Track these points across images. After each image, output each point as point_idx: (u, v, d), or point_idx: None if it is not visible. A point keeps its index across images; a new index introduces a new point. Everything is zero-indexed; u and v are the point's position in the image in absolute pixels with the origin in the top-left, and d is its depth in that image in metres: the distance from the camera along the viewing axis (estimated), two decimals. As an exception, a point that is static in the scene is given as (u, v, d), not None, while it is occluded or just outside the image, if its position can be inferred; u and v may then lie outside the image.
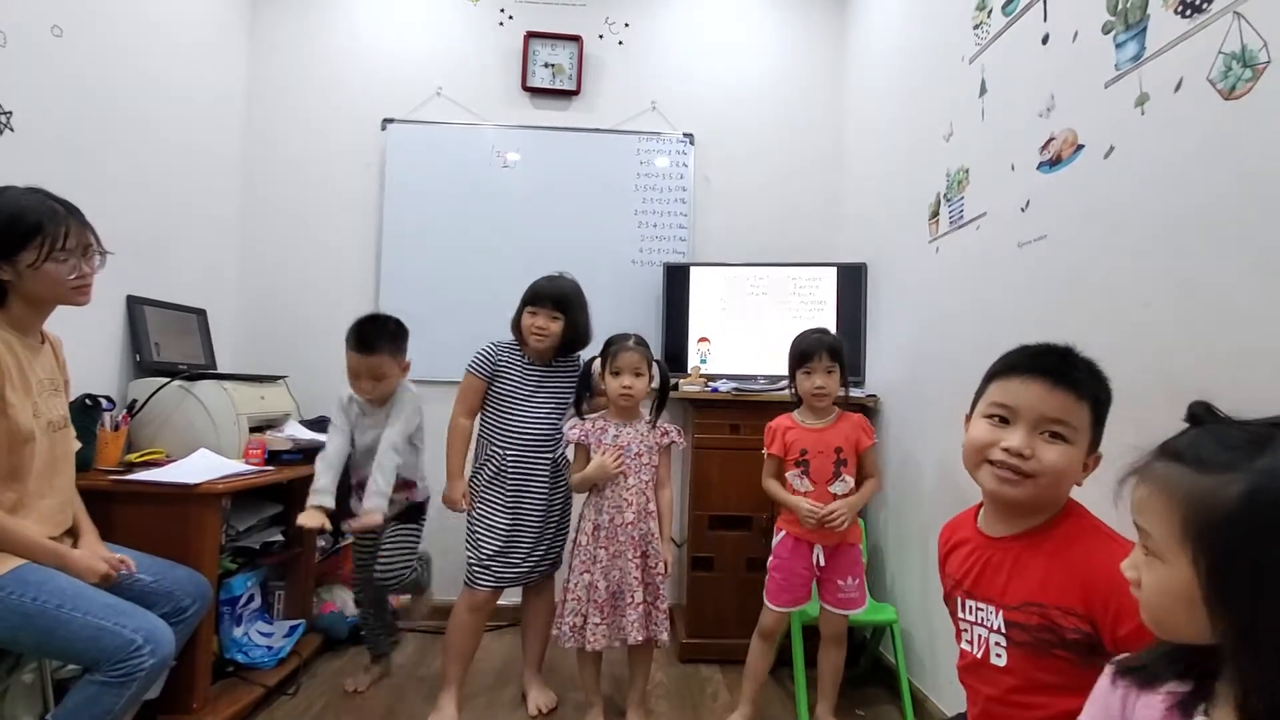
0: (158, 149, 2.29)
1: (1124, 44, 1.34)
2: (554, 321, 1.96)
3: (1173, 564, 0.59)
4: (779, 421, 1.99)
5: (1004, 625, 0.94)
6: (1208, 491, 0.56)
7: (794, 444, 1.92)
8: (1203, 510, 0.56)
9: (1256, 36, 1.07)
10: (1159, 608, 0.61)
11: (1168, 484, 0.60)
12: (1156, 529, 0.60)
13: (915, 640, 2.09)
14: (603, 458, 1.85)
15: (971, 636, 1.00)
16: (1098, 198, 1.40)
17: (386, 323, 1.98)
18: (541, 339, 1.95)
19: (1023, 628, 0.92)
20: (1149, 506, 0.61)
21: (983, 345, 1.77)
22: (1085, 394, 0.91)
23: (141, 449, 2.00)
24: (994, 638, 0.96)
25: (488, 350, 2.02)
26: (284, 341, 2.74)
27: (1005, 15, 1.75)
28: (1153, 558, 0.61)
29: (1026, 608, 0.92)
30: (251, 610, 2.14)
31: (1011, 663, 0.93)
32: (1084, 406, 0.91)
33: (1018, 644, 0.93)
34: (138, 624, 1.35)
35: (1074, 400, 0.90)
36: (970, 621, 1.00)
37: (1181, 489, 0.58)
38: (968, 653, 1.01)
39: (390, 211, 2.80)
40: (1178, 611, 0.59)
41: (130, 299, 2.16)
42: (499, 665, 2.30)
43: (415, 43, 2.85)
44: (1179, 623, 0.59)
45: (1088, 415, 0.91)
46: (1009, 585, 0.94)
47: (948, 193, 2.02)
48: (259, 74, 2.80)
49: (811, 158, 2.95)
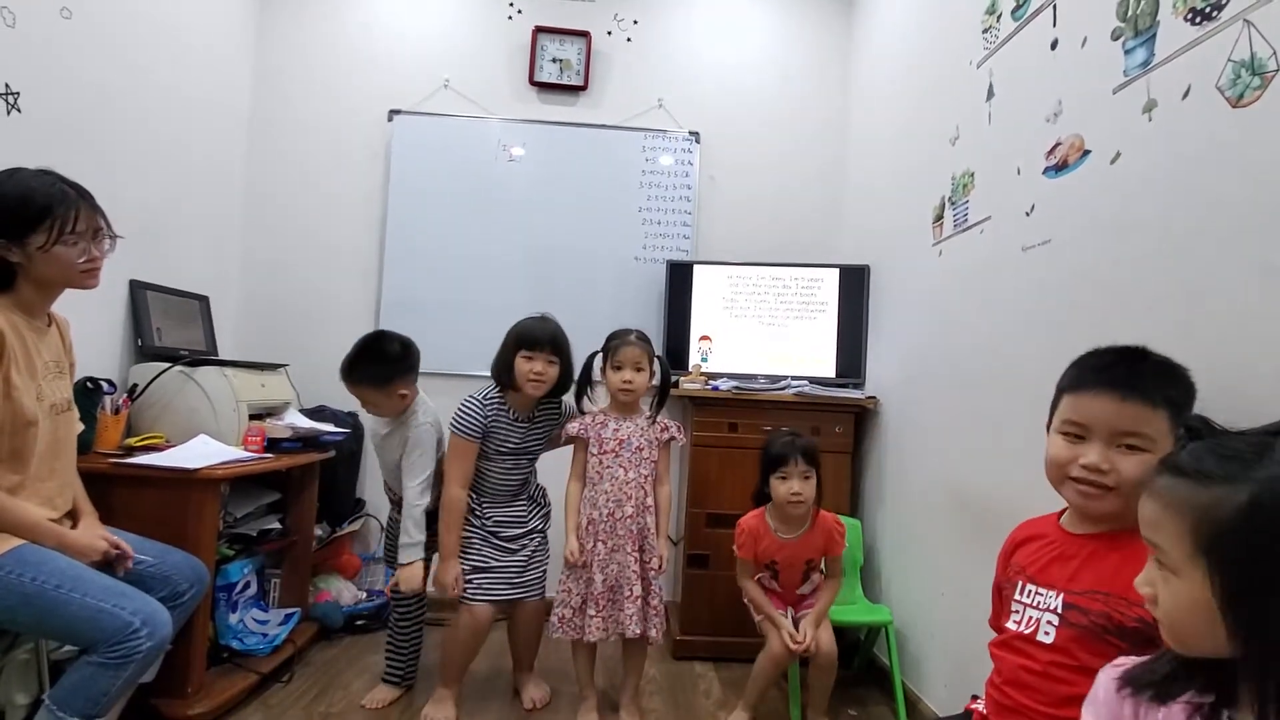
0: (163, 134, 2.29)
1: (1133, 50, 1.34)
2: (551, 366, 1.86)
3: (1187, 578, 0.59)
4: (750, 524, 1.93)
5: (1061, 607, 0.96)
6: (1213, 504, 0.57)
7: (764, 553, 1.92)
8: (1211, 523, 0.57)
9: (1266, 45, 1.07)
10: (1178, 624, 0.61)
11: (1175, 499, 0.61)
12: (1169, 544, 0.61)
13: (909, 641, 2.10)
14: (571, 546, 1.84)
15: (1023, 617, 1.01)
16: (1103, 203, 1.40)
17: (373, 351, 1.90)
18: (539, 385, 1.84)
19: (1082, 611, 0.94)
20: (1159, 523, 0.62)
21: (985, 349, 1.79)
22: (1159, 400, 0.90)
23: (141, 433, 2.00)
24: (1047, 617, 0.97)
25: (472, 408, 1.87)
26: (286, 330, 2.74)
27: (1014, 20, 1.76)
28: (1168, 573, 0.61)
29: (1092, 594, 0.93)
30: (247, 597, 2.14)
31: (1058, 641, 0.95)
32: (1159, 413, 0.90)
33: (1070, 624, 0.94)
34: (136, 606, 1.35)
35: (1147, 409, 0.90)
36: (1025, 604, 1.02)
37: (1188, 503, 0.59)
38: (1011, 630, 1.02)
39: (394, 202, 2.80)
40: (1198, 626, 0.59)
41: (133, 283, 2.16)
42: (493, 659, 2.30)
43: (423, 35, 2.85)
44: (1200, 636, 0.60)
45: (1165, 420, 0.90)
46: (1078, 573, 0.96)
47: (952, 196, 2.02)
48: (266, 62, 2.80)
49: (816, 159, 2.95)
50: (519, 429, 1.93)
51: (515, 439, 1.93)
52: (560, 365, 1.88)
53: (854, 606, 2.22)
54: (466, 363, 2.67)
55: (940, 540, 1.98)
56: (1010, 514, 1.50)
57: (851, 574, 2.31)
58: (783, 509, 1.90)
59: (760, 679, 1.90)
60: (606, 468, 1.86)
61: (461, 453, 1.87)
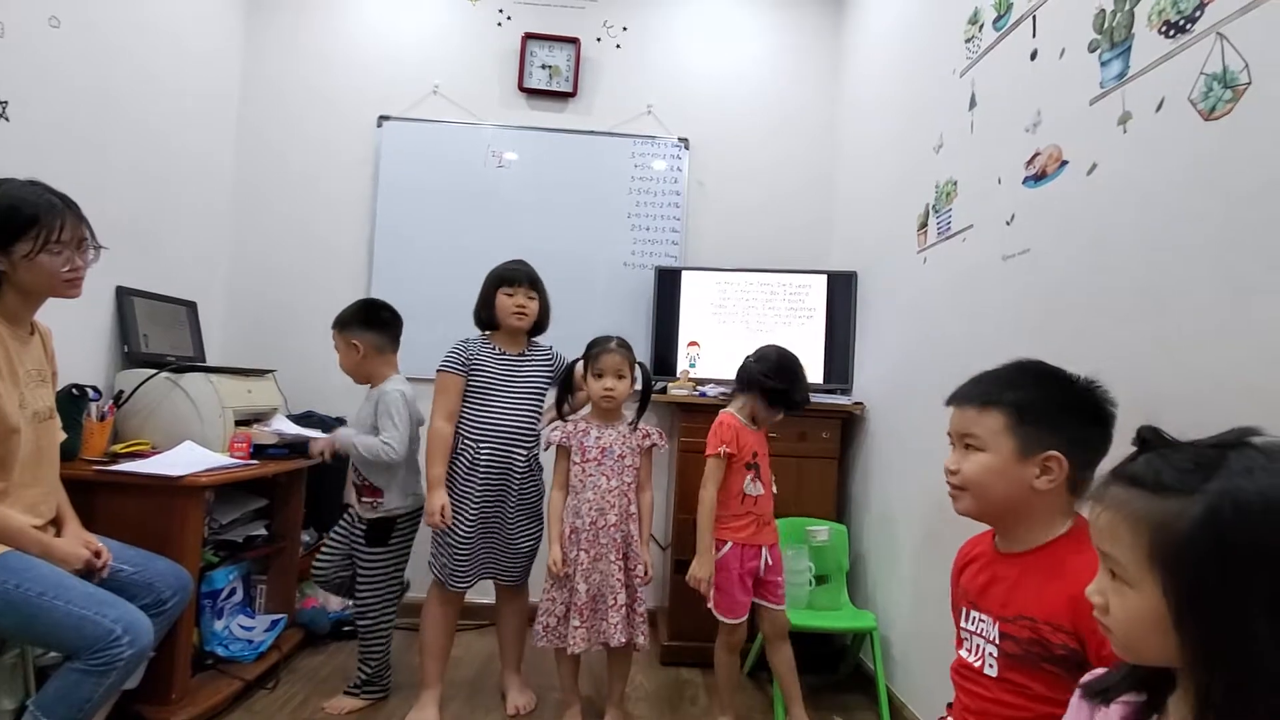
0: (151, 141, 2.30)
1: (1109, 62, 1.36)
2: (531, 300, 1.97)
3: (1141, 589, 0.60)
4: (729, 420, 1.92)
5: (998, 637, 0.97)
6: (1170, 516, 0.57)
7: (746, 445, 1.91)
8: (1167, 535, 0.57)
9: (1238, 58, 1.09)
10: (1130, 635, 0.62)
11: (1130, 510, 0.61)
12: (1124, 556, 0.61)
13: (895, 647, 2.10)
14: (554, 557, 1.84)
15: (971, 645, 1.03)
16: (1079, 214, 1.42)
17: (354, 303, 2.09)
18: (522, 317, 1.95)
19: (1014, 640, 0.95)
20: (1113, 533, 0.62)
21: (967, 357, 1.80)
22: (990, 402, 0.99)
23: (127, 440, 2.00)
24: (989, 648, 0.99)
25: (458, 346, 1.98)
26: (274, 336, 2.74)
27: (996, 30, 1.77)
28: (1121, 584, 0.62)
29: (1019, 621, 0.94)
30: (233, 604, 2.14)
31: (1001, 672, 0.96)
32: (990, 414, 0.98)
33: (1008, 655, 0.95)
34: (118, 614, 1.36)
35: (975, 412, 1.00)
36: (970, 631, 1.04)
37: (1144, 515, 0.60)
38: (964, 659, 1.04)
39: (383, 208, 2.80)
40: (1149, 637, 0.59)
41: (120, 289, 2.16)
42: (478, 665, 2.31)
43: (412, 40, 2.86)
44: (1150, 647, 0.60)
45: (999, 420, 0.97)
46: (1008, 599, 0.97)
47: (936, 204, 2.03)
48: (254, 67, 2.80)
49: (805, 166, 2.97)
50: (506, 363, 1.97)
51: (503, 377, 1.96)
52: (539, 301, 1.99)
53: (839, 613, 2.23)
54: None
55: (926, 548, 1.99)
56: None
57: (837, 579, 2.31)
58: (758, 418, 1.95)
59: (724, 672, 1.93)
60: (589, 476, 1.86)
61: (445, 386, 1.94)
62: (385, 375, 2.04)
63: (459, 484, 1.91)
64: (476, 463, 1.90)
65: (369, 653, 2.01)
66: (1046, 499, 0.96)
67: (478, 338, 2.02)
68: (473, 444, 1.92)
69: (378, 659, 2.01)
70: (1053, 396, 0.98)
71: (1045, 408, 0.97)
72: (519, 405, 1.96)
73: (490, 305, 1.97)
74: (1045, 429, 0.95)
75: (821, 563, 2.26)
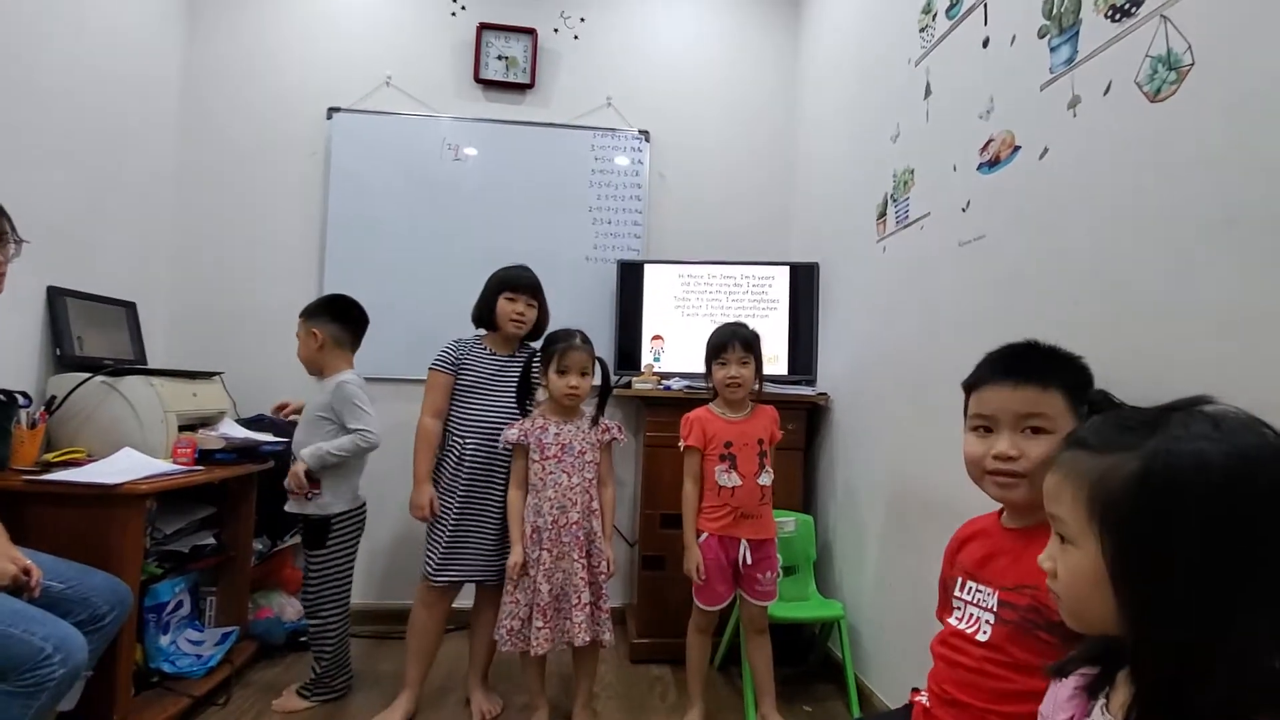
0: (85, 133, 2.18)
1: (1058, 48, 1.37)
2: (530, 309, 2.00)
3: (1083, 548, 0.60)
4: (697, 413, 1.93)
5: (997, 605, 0.97)
6: (1107, 471, 0.58)
7: (716, 436, 1.89)
8: (1104, 491, 0.58)
9: (1182, 39, 1.10)
10: (1074, 596, 0.62)
11: (1074, 469, 0.62)
12: (1066, 514, 0.62)
13: (862, 635, 2.11)
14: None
15: (964, 614, 1.03)
16: (1032, 198, 1.43)
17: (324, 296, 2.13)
18: (520, 325, 1.98)
19: (1013, 607, 0.95)
20: (1059, 493, 0.63)
21: (928, 344, 1.81)
22: (1052, 382, 0.95)
23: (61, 448, 1.89)
24: (985, 615, 0.99)
25: (450, 346, 2.02)
26: (221, 337, 2.63)
27: (949, 19, 1.78)
28: (1068, 545, 0.62)
29: (1021, 589, 0.94)
30: (180, 617, 2.04)
31: (994, 639, 0.96)
32: (1054, 394, 0.94)
33: (1004, 622, 0.96)
34: (47, 632, 1.29)
35: (1039, 391, 0.95)
36: (966, 600, 1.03)
37: (1085, 472, 0.61)
38: (953, 626, 1.03)
39: (335, 203, 2.71)
40: (1091, 597, 0.60)
41: (52, 290, 2.04)
42: (445, 669, 2.25)
43: (363, 30, 2.78)
44: (1093, 609, 0.60)
45: (1060, 400, 0.94)
46: (1009, 569, 0.98)
47: (894, 193, 2.04)
48: (195, 57, 2.68)
49: (766, 157, 2.97)
50: (494, 363, 2.00)
51: (491, 376, 1.99)
52: (539, 308, 2.03)
53: (807, 602, 2.24)
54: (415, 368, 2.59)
55: (890, 534, 2.00)
56: (953, 506, 1.53)
57: (805, 569, 2.32)
58: (723, 393, 1.92)
59: (693, 654, 1.93)
60: (549, 474, 1.82)
61: (434, 385, 1.98)
62: (338, 369, 2.02)
63: (446, 478, 1.94)
64: (463, 458, 1.93)
65: (319, 653, 1.99)
66: None
67: (471, 337, 2.05)
68: (460, 440, 1.95)
69: (328, 660, 1.98)
70: (1081, 375, 0.99)
71: (1082, 387, 0.96)
72: (504, 404, 1.98)
73: (490, 308, 1.99)
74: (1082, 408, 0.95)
75: (789, 554, 2.26)
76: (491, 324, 2.01)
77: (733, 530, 1.86)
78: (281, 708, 1.94)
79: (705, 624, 1.93)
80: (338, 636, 1.99)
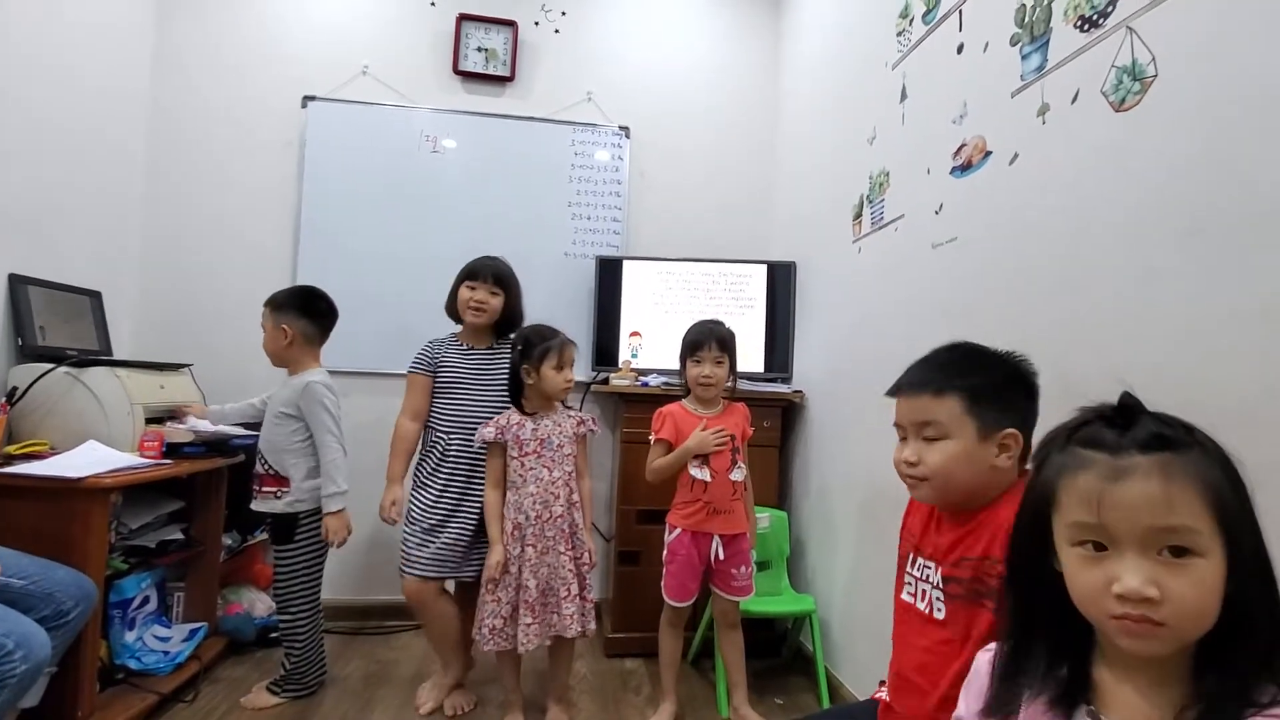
0: (49, 118, 2.11)
1: (1029, 55, 1.40)
2: (494, 297, 1.98)
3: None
4: (670, 408, 1.96)
5: (942, 581, 1.00)
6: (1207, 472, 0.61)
7: (687, 430, 1.91)
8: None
9: (1146, 51, 1.14)
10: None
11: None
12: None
13: (833, 629, 2.15)
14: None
15: (915, 590, 1.05)
16: (1002, 203, 1.46)
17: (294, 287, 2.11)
18: (479, 313, 1.97)
19: (958, 581, 0.98)
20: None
21: (901, 344, 1.84)
22: (945, 388, 0.98)
23: (22, 440, 1.84)
24: (935, 593, 1.01)
25: (427, 347, 2.02)
26: (191, 328, 2.57)
27: (925, 24, 1.81)
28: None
29: (962, 563, 0.97)
30: (146, 613, 2.01)
31: (949, 616, 0.99)
32: (947, 399, 0.97)
33: (954, 597, 0.98)
34: (8, 628, 1.27)
35: (933, 399, 0.99)
36: (916, 577, 1.06)
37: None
38: (909, 604, 1.06)
39: (310, 193, 2.67)
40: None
41: (13, 277, 1.98)
42: (416, 664, 2.24)
43: (340, 18, 2.73)
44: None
45: (958, 406, 0.97)
46: (950, 545, 1.00)
47: (870, 194, 2.07)
48: (167, 41, 2.61)
49: (745, 156, 2.99)
50: (472, 358, 2.00)
51: (470, 373, 1.99)
52: (505, 298, 2.00)
53: (780, 597, 2.27)
54: (389, 361, 2.58)
55: (861, 530, 2.03)
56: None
57: (778, 565, 2.35)
58: (696, 391, 1.94)
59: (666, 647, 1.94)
60: (530, 469, 1.82)
61: (412, 386, 2.00)
62: (306, 365, 1.99)
63: (427, 474, 1.96)
64: (446, 455, 1.94)
65: (289, 649, 1.97)
66: (1003, 476, 0.99)
67: (447, 335, 2.06)
68: (443, 437, 1.96)
69: (298, 655, 1.96)
70: (996, 375, 1.00)
71: (995, 387, 0.98)
72: (485, 399, 1.98)
73: (454, 298, 2.01)
74: (999, 408, 0.97)
75: (763, 549, 2.29)
76: (457, 315, 2.02)
77: (705, 525, 1.88)
78: (251, 704, 1.91)
79: (676, 618, 1.95)
80: (309, 632, 1.97)
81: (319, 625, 2.01)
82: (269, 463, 1.93)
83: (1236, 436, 0.78)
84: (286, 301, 1.99)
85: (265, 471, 1.92)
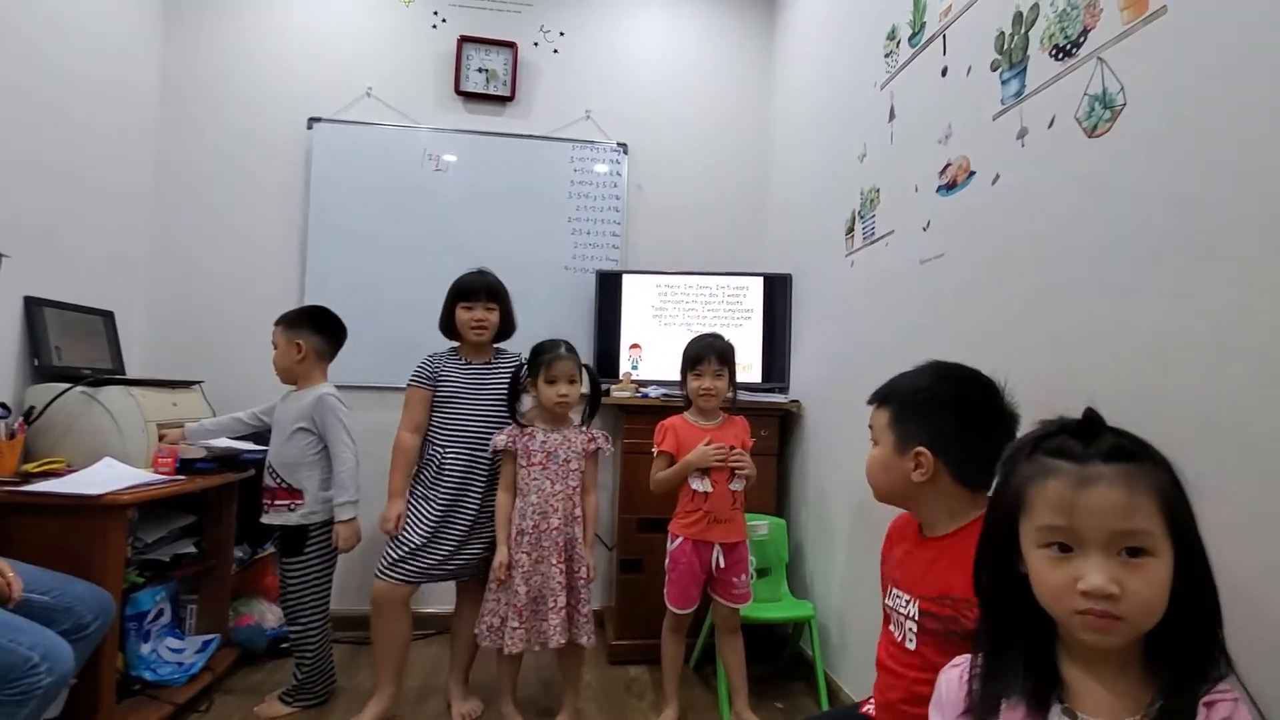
0: (63, 142, 2.18)
1: (1008, 81, 1.46)
2: (490, 313, 2.02)
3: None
4: (671, 421, 2.02)
5: (918, 614, 1.03)
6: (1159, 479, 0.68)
7: (688, 442, 1.97)
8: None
9: (1116, 81, 1.20)
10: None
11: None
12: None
13: (831, 634, 2.19)
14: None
15: (894, 621, 1.10)
16: (985, 221, 1.52)
17: (308, 306, 2.15)
18: (482, 332, 2.01)
19: (935, 617, 1.01)
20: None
21: (893, 355, 1.89)
22: (884, 401, 1.12)
23: (40, 458, 1.90)
24: (909, 624, 1.05)
25: (425, 361, 2.05)
26: (201, 346, 2.63)
27: (912, 46, 1.88)
28: (1145, 558, 0.69)
29: (941, 600, 1.00)
30: (161, 625, 2.06)
31: (920, 647, 1.02)
32: (881, 410, 1.12)
33: (928, 631, 1.01)
34: (34, 641, 1.31)
35: (873, 408, 1.14)
36: (894, 609, 1.10)
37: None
38: (891, 634, 1.10)
39: (316, 212, 2.73)
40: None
41: (29, 300, 2.05)
42: (425, 675, 2.29)
43: (344, 41, 2.80)
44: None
45: (885, 416, 1.10)
46: (926, 578, 1.03)
47: (862, 210, 2.13)
48: (176, 65, 2.68)
49: (741, 171, 3.05)
50: (471, 373, 2.03)
51: (470, 387, 2.02)
52: (500, 311, 2.04)
53: (779, 603, 2.31)
54: (394, 376, 2.63)
55: (858, 537, 2.08)
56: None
57: (778, 571, 2.40)
58: (696, 402, 2.00)
59: (668, 654, 1.98)
60: (533, 480, 1.87)
61: (412, 400, 2.02)
62: (316, 380, 2.04)
63: (424, 487, 1.98)
64: (443, 468, 1.96)
65: (300, 659, 2.02)
66: (935, 490, 1.04)
67: (445, 350, 2.09)
68: (440, 450, 1.98)
69: (309, 665, 2.01)
70: (935, 396, 1.05)
71: (921, 405, 1.05)
72: (484, 413, 2.01)
73: (450, 320, 2.03)
74: (915, 425, 1.04)
75: (763, 556, 2.33)
76: (455, 335, 2.06)
77: (705, 534, 1.93)
78: (263, 714, 1.96)
79: (678, 625, 1.99)
80: (319, 642, 2.01)
81: (329, 635, 2.05)
82: (281, 476, 1.97)
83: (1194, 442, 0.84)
84: (300, 318, 2.06)
85: (278, 485, 1.97)
